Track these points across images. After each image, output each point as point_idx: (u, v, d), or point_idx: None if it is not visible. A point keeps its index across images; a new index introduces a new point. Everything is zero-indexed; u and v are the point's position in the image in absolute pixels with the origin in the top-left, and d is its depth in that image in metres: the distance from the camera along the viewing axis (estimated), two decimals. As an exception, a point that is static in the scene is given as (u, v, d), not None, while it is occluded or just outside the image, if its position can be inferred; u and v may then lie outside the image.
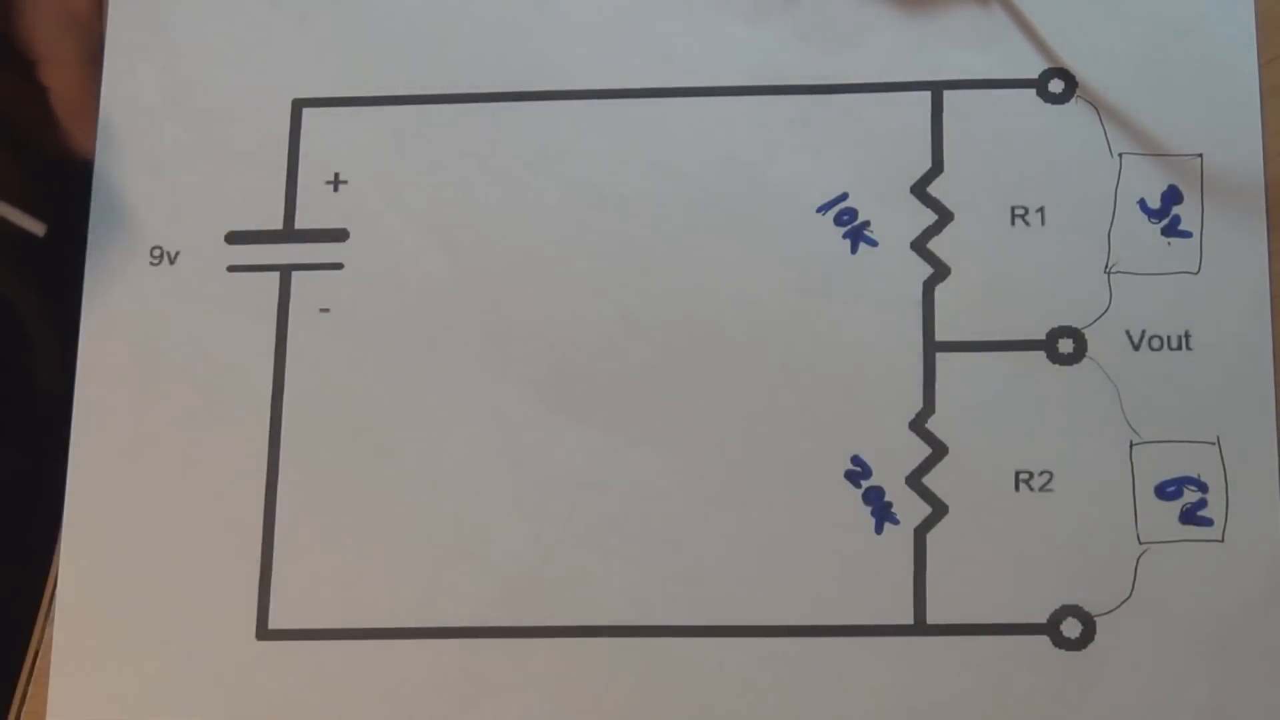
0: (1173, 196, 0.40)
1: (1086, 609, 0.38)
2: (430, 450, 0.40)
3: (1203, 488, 0.38)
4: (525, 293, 0.41)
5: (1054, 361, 0.39)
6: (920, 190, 0.41)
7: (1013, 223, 0.40)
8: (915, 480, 0.39)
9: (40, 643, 0.40)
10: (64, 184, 0.45)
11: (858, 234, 0.41)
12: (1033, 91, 0.41)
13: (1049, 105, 0.41)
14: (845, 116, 0.41)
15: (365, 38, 0.43)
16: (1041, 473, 0.39)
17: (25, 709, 0.40)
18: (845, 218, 0.41)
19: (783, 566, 0.39)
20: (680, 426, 0.40)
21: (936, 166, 0.41)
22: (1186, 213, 0.40)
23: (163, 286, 0.42)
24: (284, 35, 0.43)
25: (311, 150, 0.42)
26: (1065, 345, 0.40)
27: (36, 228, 0.43)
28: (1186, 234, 0.40)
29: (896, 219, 0.41)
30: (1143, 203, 0.40)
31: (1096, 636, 0.38)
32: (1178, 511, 0.38)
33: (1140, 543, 0.38)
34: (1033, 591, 0.38)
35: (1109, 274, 0.40)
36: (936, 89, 0.41)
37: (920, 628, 0.38)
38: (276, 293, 0.41)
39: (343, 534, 0.40)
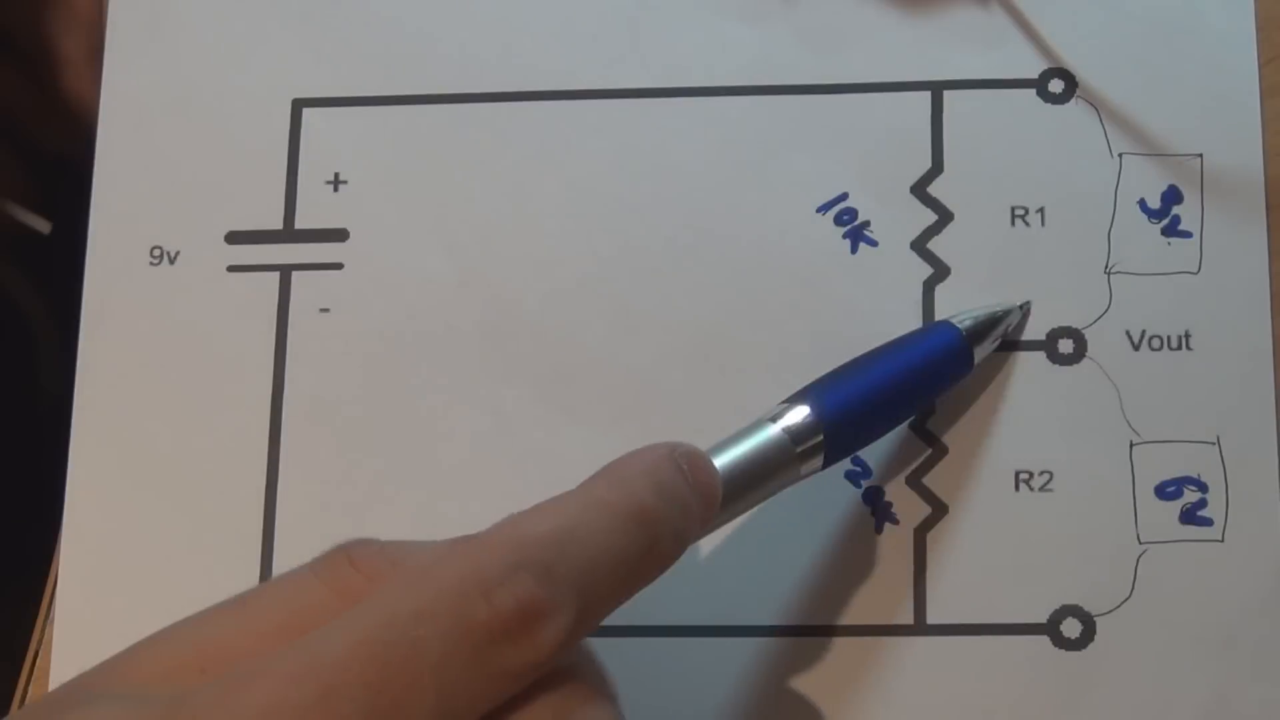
0: (1173, 196, 0.40)
1: (1086, 609, 0.38)
2: (430, 450, 0.40)
3: (1203, 488, 0.38)
4: (525, 293, 0.41)
5: (1054, 361, 0.39)
6: (920, 190, 0.41)
7: (1013, 223, 0.40)
8: (915, 480, 0.39)
9: (40, 643, 0.40)
10: (66, 183, 0.45)
11: (858, 234, 0.41)
12: (1033, 91, 0.41)
13: (1049, 105, 0.41)
14: (845, 116, 0.41)
15: (365, 38, 0.43)
16: (1041, 473, 0.39)
17: (25, 709, 0.40)
18: (845, 218, 0.41)
19: (783, 566, 0.39)
20: (680, 426, 0.40)
21: (936, 166, 0.41)
22: (1186, 213, 0.40)
23: (163, 286, 0.42)
24: (284, 35, 0.43)
25: (311, 150, 0.42)
26: (1065, 345, 0.40)
27: (42, 226, 0.44)
28: (1186, 234, 0.40)
29: (896, 219, 0.41)
30: (1143, 203, 0.40)
31: (1096, 636, 0.38)
32: (1178, 511, 0.38)
33: (1140, 543, 0.38)
34: (1033, 591, 0.38)
35: (1109, 274, 0.40)
36: (936, 89, 0.41)
37: (920, 628, 0.38)
38: (276, 293, 0.41)
39: (343, 534, 0.40)
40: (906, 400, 0.38)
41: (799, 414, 0.35)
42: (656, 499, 0.30)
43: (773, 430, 0.35)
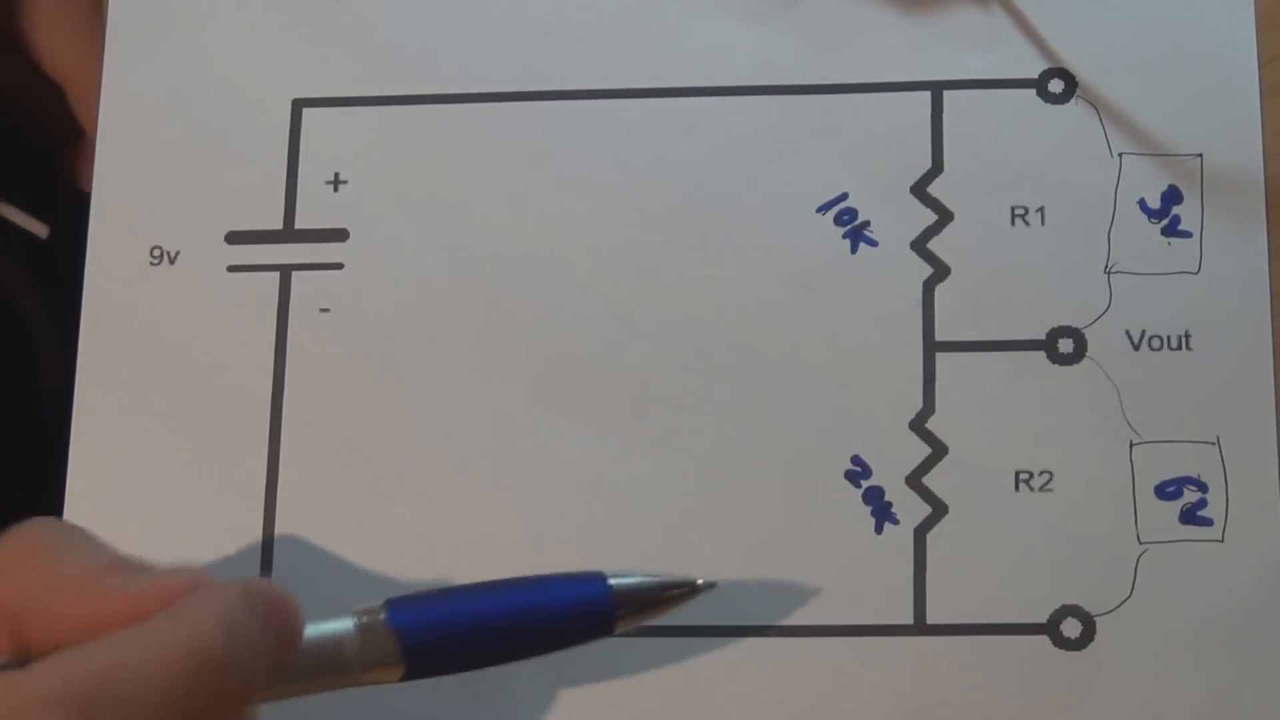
0: (1173, 196, 0.40)
1: (1086, 609, 0.38)
2: (430, 450, 0.40)
3: (1203, 488, 0.38)
4: (525, 293, 0.41)
5: (1054, 361, 0.39)
6: (920, 190, 0.41)
7: (1013, 223, 0.40)
8: (915, 480, 0.39)
9: (40, 643, 0.40)
10: (66, 183, 0.45)
11: (858, 234, 0.41)
12: (1033, 91, 0.41)
13: (1049, 105, 0.41)
14: (845, 116, 0.41)
15: (365, 38, 0.43)
16: (1041, 473, 0.39)
17: (25, 709, 0.40)
18: (845, 218, 0.41)
19: (783, 566, 0.39)
20: (680, 426, 0.40)
21: (936, 166, 0.41)
22: (1186, 213, 0.40)
23: (163, 286, 0.42)
24: (284, 35, 0.43)
25: (311, 150, 0.42)
26: (1065, 345, 0.40)
27: (39, 229, 0.43)
28: (1186, 234, 0.40)
29: (896, 219, 0.41)
30: (1143, 203, 0.40)
31: (1096, 636, 0.38)
32: (1178, 511, 0.38)
33: (1140, 543, 0.38)
34: (1033, 591, 0.38)
35: (1109, 274, 0.40)
36: (936, 89, 0.41)
37: (920, 628, 0.38)
38: (276, 293, 0.41)
39: (343, 534, 0.40)
40: (510, 641, 0.33)
41: (375, 616, 0.32)
42: (225, 645, 0.28)
43: (346, 624, 0.32)
